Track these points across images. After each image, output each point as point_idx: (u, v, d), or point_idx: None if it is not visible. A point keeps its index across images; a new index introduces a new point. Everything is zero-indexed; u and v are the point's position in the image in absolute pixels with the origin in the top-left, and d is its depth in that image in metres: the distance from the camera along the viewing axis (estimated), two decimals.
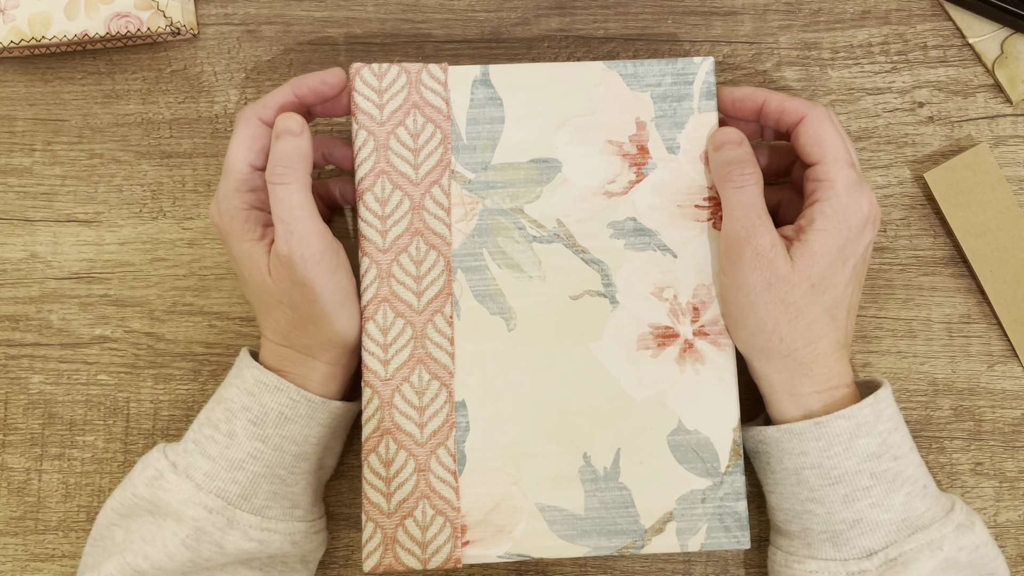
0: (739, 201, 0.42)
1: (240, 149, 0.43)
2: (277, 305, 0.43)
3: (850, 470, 0.41)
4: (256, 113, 0.44)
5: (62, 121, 0.53)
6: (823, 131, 0.43)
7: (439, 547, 0.43)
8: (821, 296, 0.42)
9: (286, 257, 0.41)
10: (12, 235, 0.52)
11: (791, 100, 0.44)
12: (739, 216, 0.42)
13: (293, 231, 0.41)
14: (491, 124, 0.46)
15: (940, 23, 0.53)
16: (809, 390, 0.43)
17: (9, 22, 0.51)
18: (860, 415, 0.42)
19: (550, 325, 0.45)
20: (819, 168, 0.43)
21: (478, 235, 0.45)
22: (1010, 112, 0.52)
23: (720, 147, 0.44)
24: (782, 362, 0.43)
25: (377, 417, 0.44)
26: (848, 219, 0.42)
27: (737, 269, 0.42)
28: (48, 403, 0.51)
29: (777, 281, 0.41)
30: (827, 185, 0.42)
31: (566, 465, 0.44)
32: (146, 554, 0.41)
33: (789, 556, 0.43)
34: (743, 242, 0.42)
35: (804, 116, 0.44)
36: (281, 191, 0.42)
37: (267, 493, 0.43)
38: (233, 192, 0.43)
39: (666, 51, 0.53)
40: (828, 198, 0.42)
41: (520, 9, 0.53)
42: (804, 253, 0.42)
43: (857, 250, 0.42)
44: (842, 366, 0.43)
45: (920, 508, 0.42)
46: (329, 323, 0.43)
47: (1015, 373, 0.51)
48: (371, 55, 0.53)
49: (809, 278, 0.42)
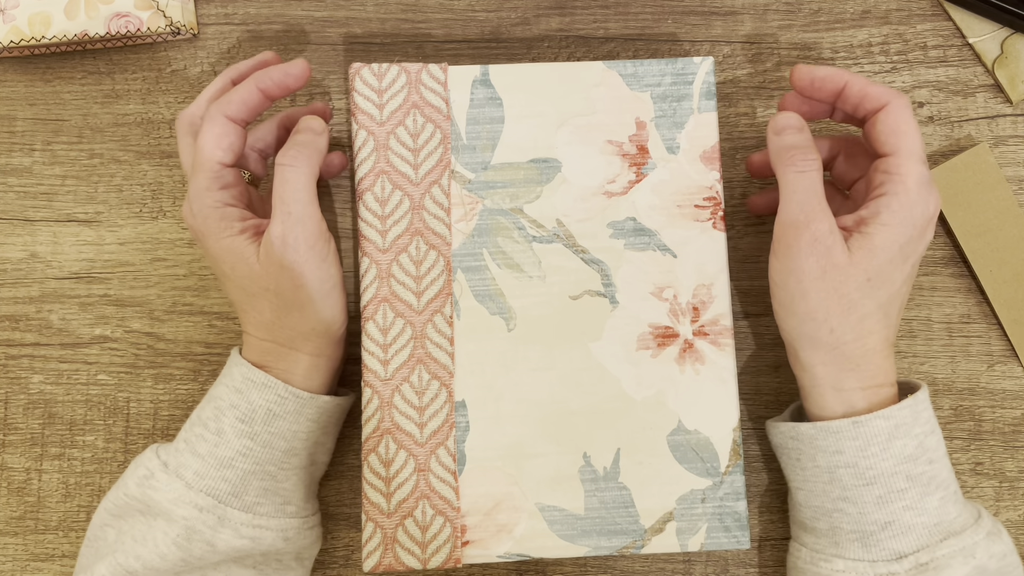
0: (800, 185, 0.41)
1: (208, 147, 0.43)
2: (263, 293, 0.43)
3: (886, 471, 0.41)
4: (221, 110, 0.43)
5: (62, 121, 0.53)
6: (904, 122, 0.42)
7: (439, 547, 0.43)
8: (877, 291, 0.41)
9: (279, 238, 0.41)
10: (12, 235, 0.52)
11: (874, 86, 0.43)
12: (799, 200, 0.41)
13: (291, 212, 0.42)
14: (491, 124, 0.46)
15: (940, 23, 0.53)
16: (854, 385, 0.42)
17: (9, 22, 0.51)
18: (899, 416, 0.41)
19: (550, 325, 0.45)
20: (891, 160, 0.42)
21: (478, 235, 0.45)
22: (1010, 112, 0.52)
23: (781, 131, 0.43)
24: (829, 354, 0.42)
25: (377, 417, 0.44)
26: (914, 216, 0.41)
27: (793, 253, 0.41)
28: (48, 403, 0.51)
29: (832, 269, 0.41)
30: (897, 179, 0.41)
31: (566, 465, 0.44)
32: (137, 554, 0.41)
33: (816, 554, 0.43)
34: (801, 226, 0.41)
35: (887, 104, 0.42)
36: (288, 172, 0.42)
37: (258, 490, 0.43)
38: (205, 191, 0.43)
39: (666, 51, 0.53)
40: (897, 192, 0.41)
41: (520, 9, 0.53)
42: (864, 245, 0.41)
43: (918, 248, 0.42)
44: (889, 363, 0.43)
45: (952, 513, 0.41)
46: (314, 310, 0.43)
47: (1015, 373, 0.51)
48: (371, 55, 0.53)
49: (866, 271, 0.41)
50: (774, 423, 0.45)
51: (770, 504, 0.50)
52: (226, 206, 0.43)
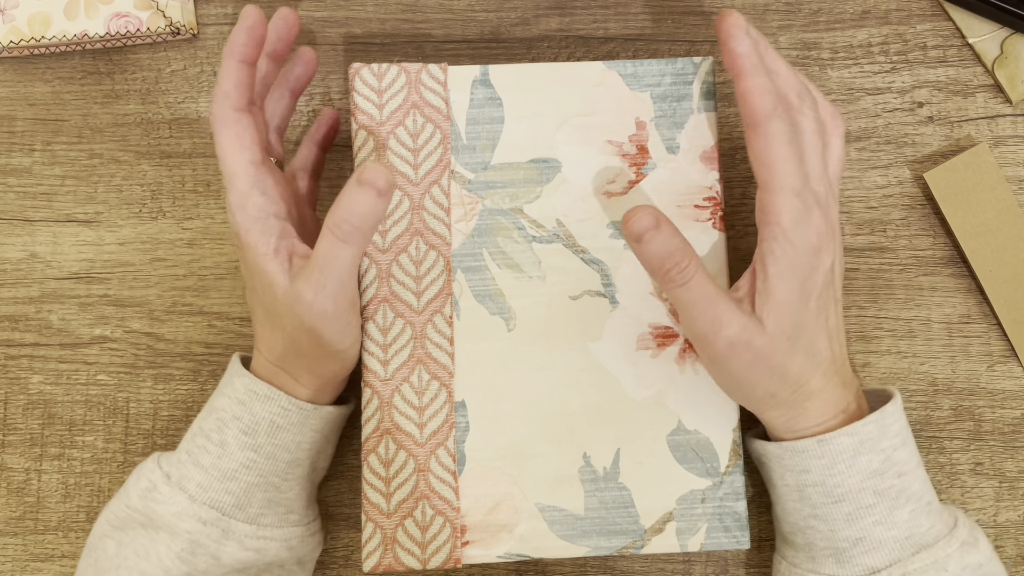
0: (689, 299, 0.39)
1: (233, 151, 0.41)
2: (280, 330, 0.42)
3: (853, 488, 0.41)
4: (226, 105, 0.41)
5: (62, 121, 0.53)
6: (771, 151, 0.39)
7: (439, 547, 0.43)
8: (798, 343, 0.40)
9: (307, 304, 0.40)
10: (12, 235, 0.52)
11: (756, 95, 0.39)
12: (696, 314, 0.39)
13: (326, 286, 0.39)
14: (491, 124, 0.46)
15: (940, 23, 0.53)
16: (807, 425, 0.42)
17: (9, 22, 0.51)
18: (864, 432, 0.41)
19: (550, 325, 0.45)
20: (763, 196, 0.39)
21: (478, 235, 0.45)
22: (1010, 112, 0.52)
23: (639, 238, 0.38)
24: (777, 410, 0.42)
25: (377, 417, 0.44)
26: (798, 257, 0.39)
27: (716, 363, 0.41)
28: (48, 403, 0.51)
29: (758, 356, 0.39)
30: (772, 220, 0.39)
31: (566, 465, 0.44)
32: (141, 570, 0.41)
33: (794, 568, 0.43)
34: (712, 338, 0.39)
35: (756, 125, 0.39)
36: (338, 249, 0.39)
37: (261, 501, 0.42)
38: (245, 199, 0.41)
39: (666, 51, 0.53)
40: (775, 236, 0.39)
41: (520, 9, 0.53)
42: (771, 308, 0.39)
43: (817, 280, 0.40)
44: (837, 394, 0.42)
45: (924, 525, 0.41)
46: (327, 361, 0.43)
47: (1015, 373, 0.51)
48: (371, 55, 0.53)
49: (783, 331, 0.39)
50: (747, 438, 0.46)
51: (770, 504, 0.50)
52: (268, 216, 0.41)
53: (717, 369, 0.41)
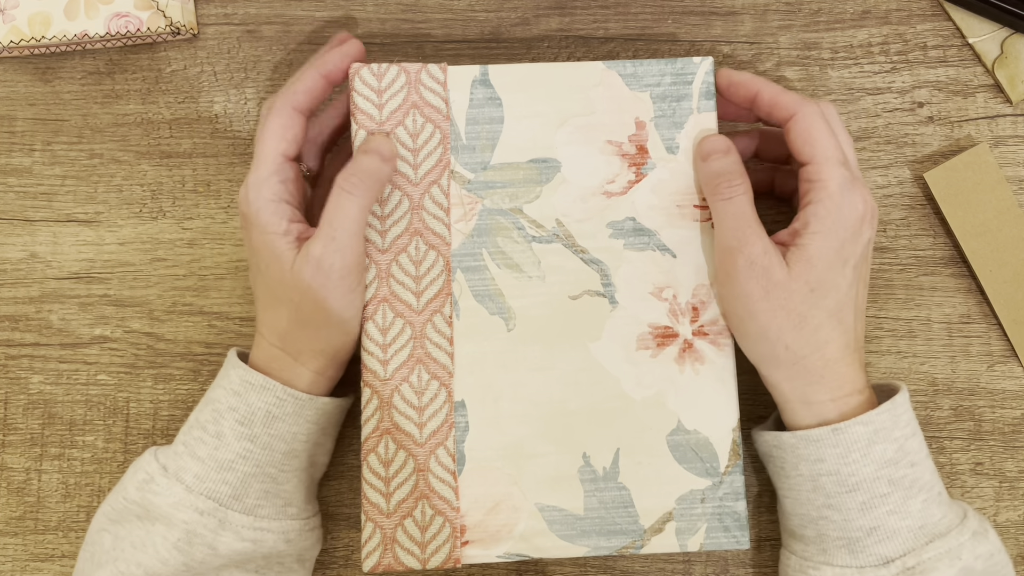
0: (728, 212, 0.42)
1: (273, 139, 0.43)
2: (285, 301, 0.43)
3: (868, 477, 0.41)
4: (288, 102, 0.44)
5: (62, 121, 0.53)
6: (813, 129, 0.42)
7: (438, 547, 0.43)
8: (823, 300, 0.42)
9: (315, 259, 0.41)
10: (12, 235, 0.52)
11: (784, 95, 0.44)
12: (730, 226, 0.42)
13: (335, 238, 0.42)
14: (490, 124, 0.46)
15: (940, 23, 0.53)
16: (823, 398, 0.42)
17: (9, 22, 0.51)
18: (878, 420, 0.41)
19: (549, 325, 0.45)
20: (810, 168, 0.42)
21: (477, 235, 0.45)
22: (1010, 112, 0.52)
23: (707, 157, 0.44)
24: (791, 370, 0.42)
25: (376, 417, 0.44)
26: (843, 219, 0.41)
27: (733, 279, 0.42)
28: (48, 403, 0.51)
29: (774, 288, 0.41)
30: (819, 186, 0.42)
31: (565, 465, 0.44)
32: (139, 561, 0.41)
33: (804, 562, 0.43)
34: (735, 252, 0.42)
35: (794, 113, 0.43)
36: (345, 199, 0.42)
37: (258, 492, 0.43)
38: (264, 182, 0.43)
39: (666, 51, 0.53)
40: (821, 199, 0.42)
41: (520, 9, 0.53)
42: (800, 257, 0.41)
43: (856, 250, 0.42)
44: (854, 371, 0.42)
45: (937, 515, 0.41)
46: (328, 332, 0.43)
47: (1015, 373, 0.51)
48: (371, 55, 0.53)
49: (808, 282, 0.41)
50: (758, 432, 0.46)
51: (770, 504, 0.50)
52: (281, 201, 0.43)
53: (735, 292, 0.42)
